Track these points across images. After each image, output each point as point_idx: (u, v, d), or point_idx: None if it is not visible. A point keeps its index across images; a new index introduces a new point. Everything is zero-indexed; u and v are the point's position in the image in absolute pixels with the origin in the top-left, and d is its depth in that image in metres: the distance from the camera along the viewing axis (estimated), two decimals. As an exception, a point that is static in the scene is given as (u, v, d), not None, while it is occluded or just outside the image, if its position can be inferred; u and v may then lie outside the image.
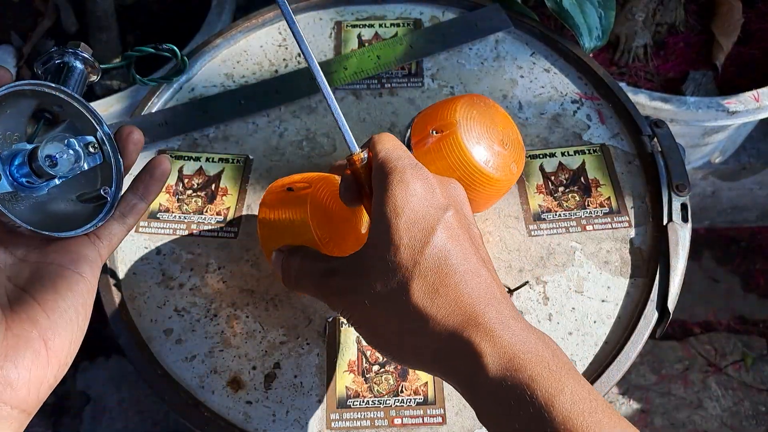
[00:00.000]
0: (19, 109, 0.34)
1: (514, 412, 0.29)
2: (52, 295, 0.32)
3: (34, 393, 0.31)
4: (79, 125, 0.36)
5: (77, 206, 0.36)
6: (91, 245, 0.36)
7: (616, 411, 0.29)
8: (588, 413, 0.28)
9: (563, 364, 0.30)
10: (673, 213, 0.51)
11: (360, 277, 0.34)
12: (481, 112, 0.45)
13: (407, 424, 0.44)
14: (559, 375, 0.29)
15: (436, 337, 0.32)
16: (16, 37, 0.94)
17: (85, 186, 0.37)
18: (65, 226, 0.34)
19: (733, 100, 0.85)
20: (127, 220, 0.38)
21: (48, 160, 0.33)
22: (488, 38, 0.64)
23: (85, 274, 0.34)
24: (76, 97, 0.35)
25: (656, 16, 0.95)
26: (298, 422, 0.44)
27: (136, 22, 0.97)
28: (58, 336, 0.32)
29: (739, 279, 1.23)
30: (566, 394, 0.28)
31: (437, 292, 0.32)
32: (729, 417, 1.08)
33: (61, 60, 0.36)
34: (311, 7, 0.66)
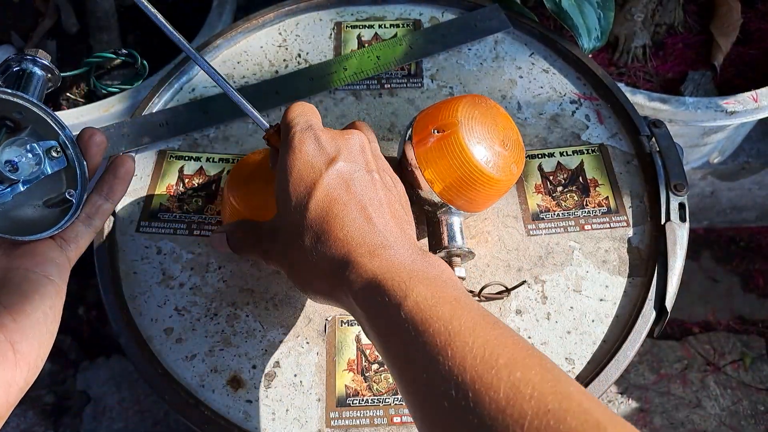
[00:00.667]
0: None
1: (377, 321, 0.34)
2: (18, 298, 0.32)
3: (3, 396, 0.30)
4: (42, 131, 0.36)
5: (44, 211, 0.36)
6: (58, 249, 0.36)
7: (463, 302, 0.33)
8: (428, 309, 0.32)
9: (419, 275, 0.35)
10: (671, 213, 0.51)
11: (275, 238, 0.40)
12: (482, 113, 0.46)
13: (406, 423, 0.44)
14: (408, 284, 0.34)
15: (324, 276, 0.37)
16: (17, 38, 0.94)
17: (51, 191, 0.37)
18: (33, 231, 0.34)
19: (731, 100, 0.85)
20: (94, 222, 0.38)
21: (8, 165, 0.33)
22: (487, 39, 0.64)
23: (53, 277, 0.34)
24: (35, 102, 0.35)
25: (655, 16, 0.96)
26: (298, 421, 0.45)
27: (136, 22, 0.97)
28: (26, 339, 0.32)
29: (739, 279, 1.24)
30: (411, 297, 0.33)
31: (320, 238, 0.37)
32: (728, 416, 1.08)
33: (20, 67, 0.36)
34: (311, 8, 0.66)
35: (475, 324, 0.31)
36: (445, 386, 0.29)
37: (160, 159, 0.57)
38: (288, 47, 0.64)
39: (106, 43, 0.90)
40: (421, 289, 0.33)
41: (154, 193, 0.54)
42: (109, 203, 0.39)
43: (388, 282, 0.34)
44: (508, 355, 0.29)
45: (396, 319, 0.33)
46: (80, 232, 0.38)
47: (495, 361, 0.29)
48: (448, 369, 0.29)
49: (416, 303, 0.33)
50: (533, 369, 0.29)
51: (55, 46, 0.93)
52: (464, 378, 0.29)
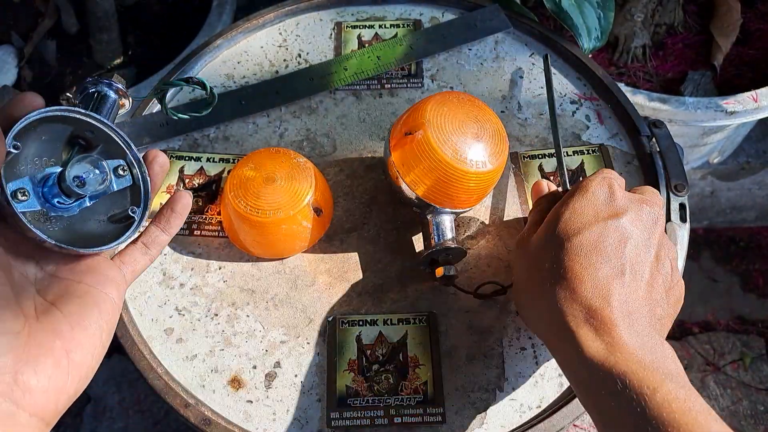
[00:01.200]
0: (54, 135, 0.36)
1: (608, 400, 0.34)
2: (78, 309, 0.33)
3: (53, 402, 0.31)
4: (111, 150, 0.38)
5: (107, 227, 0.38)
6: (117, 269, 0.37)
7: (715, 415, 0.33)
8: (684, 411, 0.32)
9: (666, 371, 0.35)
10: (671, 213, 0.51)
11: (523, 250, 0.44)
12: (451, 108, 0.46)
13: (407, 423, 0.44)
14: (656, 375, 0.34)
15: (550, 314, 0.39)
16: (17, 38, 0.94)
17: (116, 207, 0.38)
18: (95, 245, 0.36)
19: (731, 100, 0.85)
20: (150, 251, 0.40)
21: (76, 180, 0.35)
22: (487, 39, 0.64)
23: (111, 294, 0.35)
24: (106, 123, 0.37)
25: (655, 16, 0.96)
26: (299, 421, 0.45)
27: (136, 23, 0.97)
28: (80, 349, 0.33)
29: (738, 279, 1.24)
30: (661, 392, 0.33)
31: (560, 279, 0.39)
32: (727, 416, 1.08)
33: (95, 89, 0.38)
34: (311, 8, 0.66)
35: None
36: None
37: (160, 159, 0.57)
38: (288, 47, 0.64)
39: (106, 43, 0.90)
40: (671, 386, 0.33)
41: (155, 193, 0.54)
42: (165, 235, 0.40)
43: (633, 368, 0.34)
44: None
45: (639, 411, 0.33)
46: (137, 259, 0.39)
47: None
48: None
49: (666, 401, 0.33)
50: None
51: (55, 46, 0.93)
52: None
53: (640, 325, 0.37)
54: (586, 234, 0.39)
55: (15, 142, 0.33)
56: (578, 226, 0.40)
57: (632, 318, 0.37)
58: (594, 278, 0.38)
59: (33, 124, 0.34)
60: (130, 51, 0.95)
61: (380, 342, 0.47)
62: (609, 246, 0.39)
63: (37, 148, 0.35)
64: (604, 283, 0.38)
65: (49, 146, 0.36)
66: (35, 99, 0.34)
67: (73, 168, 0.35)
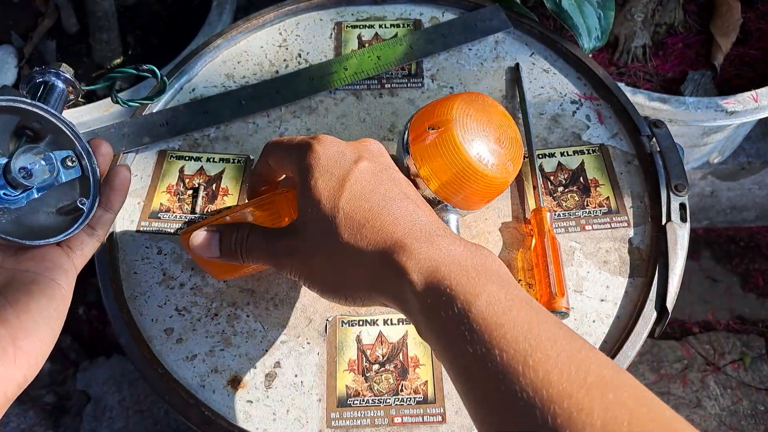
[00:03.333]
0: (1, 126, 0.35)
1: (440, 320, 0.31)
2: (24, 297, 0.33)
3: (1, 390, 0.31)
4: (60, 141, 0.37)
5: (56, 219, 0.37)
6: (65, 256, 0.37)
7: (535, 306, 0.30)
8: (502, 312, 0.29)
9: (486, 271, 0.32)
10: (671, 213, 0.51)
11: (297, 236, 0.37)
12: (478, 110, 0.46)
13: (407, 423, 0.44)
14: (477, 281, 0.31)
15: (369, 266, 0.34)
16: (17, 38, 0.94)
17: (64, 199, 0.38)
18: (43, 237, 0.36)
19: (731, 100, 0.85)
20: (96, 232, 0.39)
21: (22, 171, 0.34)
22: (488, 39, 0.64)
23: (60, 281, 0.35)
24: (53, 113, 0.36)
25: (655, 16, 0.96)
26: (299, 421, 0.45)
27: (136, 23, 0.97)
28: (28, 337, 0.33)
29: (738, 279, 1.24)
30: (483, 297, 0.30)
31: (363, 227, 0.35)
32: (728, 416, 1.08)
33: (43, 79, 0.38)
34: (311, 8, 0.66)
35: (555, 334, 0.28)
36: (527, 404, 0.26)
37: (160, 159, 0.57)
38: (288, 47, 0.64)
39: (106, 43, 0.90)
40: (492, 288, 0.30)
41: (155, 193, 0.54)
42: (109, 213, 0.40)
43: (453, 276, 0.31)
44: (596, 373, 0.26)
45: (464, 320, 0.29)
46: (85, 241, 0.39)
47: (584, 379, 0.26)
48: (530, 383, 0.26)
49: (489, 304, 0.29)
50: (625, 390, 0.26)
51: (55, 46, 0.93)
52: (551, 395, 0.26)
53: (455, 239, 0.34)
54: (350, 185, 0.36)
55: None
56: (336, 183, 0.36)
57: (446, 238, 0.34)
58: (394, 213, 0.35)
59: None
60: (129, 51, 0.95)
61: (380, 342, 0.47)
62: (377, 185, 0.36)
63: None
64: (406, 212, 0.35)
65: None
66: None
67: (19, 159, 0.34)
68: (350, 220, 0.35)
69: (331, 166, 0.37)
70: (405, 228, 0.34)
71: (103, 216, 0.40)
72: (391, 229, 0.34)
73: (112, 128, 0.57)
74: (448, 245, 0.33)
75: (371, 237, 0.34)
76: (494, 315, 0.29)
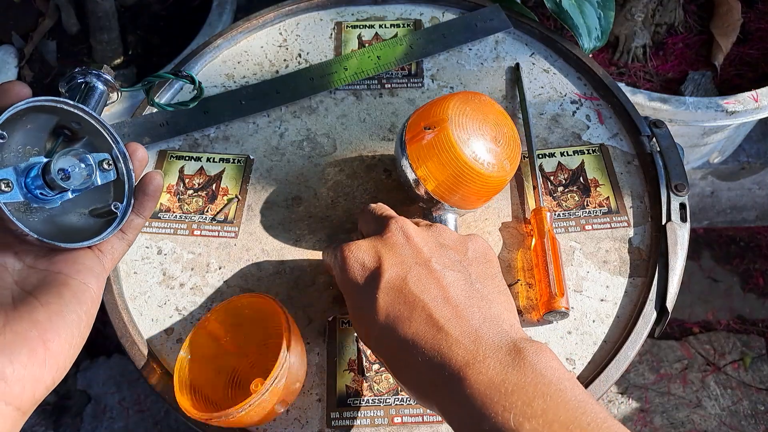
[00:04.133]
0: (40, 124, 0.35)
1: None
2: (56, 299, 0.33)
3: (29, 391, 0.31)
4: (97, 143, 0.37)
5: (88, 220, 0.37)
6: (96, 258, 0.37)
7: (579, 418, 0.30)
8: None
9: (521, 396, 0.31)
10: (671, 213, 0.51)
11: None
12: (474, 109, 0.46)
13: (407, 423, 0.44)
14: (515, 418, 0.31)
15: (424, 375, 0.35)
16: (18, 38, 0.94)
17: (98, 201, 0.38)
18: (75, 239, 0.36)
19: (731, 100, 0.85)
20: (126, 236, 0.39)
21: (61, 173, 0.34)
22: (488, 39, 0.64)
23: (90, 284, 0.35)
24: (93, 115, 0.36)
25: (655, 16, 0.96)
26: (299, 421, 0.45)
27: (137, 23, 0.97)
28: (57, 338, 0.32)
29: (738, 278, 1.24)
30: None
31: (405, 360, 0.36)
32: (728, 416, 1.08)
33: (83, 80, 0.37)
34: (312, 8, 0.66)
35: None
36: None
37: (160, 159, 0.57)
38: (288, 47, 0.64)
39: (107, 43, 0.90)
40: (529, 426, 0.30)
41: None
42: (140, 218, 0.40)
43: (489, 412, 0.31)
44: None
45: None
46: (115, 245, 0.39)
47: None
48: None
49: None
50: None
51: (55, 46, 0.93)
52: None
53: (491, 360, 0.33)
54: (377, 328, 0.37)
55: (1, 132, 0.32)
56: (367, 323, 0.37)
57: (480, 363, 0.33)
58: (421, 353, 0.35)
59: (19, 113, 0.33)
60: (130, 51, 0.95)
61: (380, 342, 0.47)
62: (401, 311, 0.36)
63: (22, 137, 0.34)
64: (431, 349, 0.35)
65: (34, 135, 0.35)
66: (22, 89, 0.34)
67: (58, 161, 0.34)
68: (391, 354, 0.36)
69: (359, 300, 0.39)
70: (434, 369, 0.34)
71: (135, 220, 0.39)
72: (423, 369, 0.35)
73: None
74: (480, 374, 0.33)
75: (417, 367, 0.35)
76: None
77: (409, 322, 0.36)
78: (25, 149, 0.35)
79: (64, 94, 0.37)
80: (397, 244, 0.39)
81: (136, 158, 0.39)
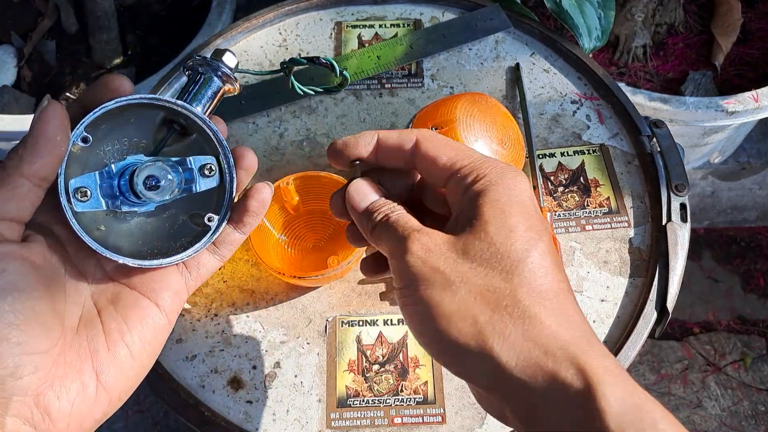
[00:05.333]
0: (146, 117, 0.32)
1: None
2: (119, 326, 0.31)
3: (75, 428, 0.29)
4: (203, 143, 0.34)
5: (182, 227, 0.34)
6: (179, 275, 0.33)
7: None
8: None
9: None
10: (672, 213, 0.51)
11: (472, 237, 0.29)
12: (481, 111, 0.46)
13: (407, 423, 0.44)
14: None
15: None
16: (17, 37, 0.94)
17: (194, 208, 0.34)
18: (163, 249, 0.33)
19: (732, 100, 0.85)
20: (220, 252, 0.35)
21: (148, 181, 0.31)
22: (488, 38, 0.64)
23: (163, 306, 0.32)
24: (199, 116, 0.33)
25: (655, 16, 0.96)
26: (299, 421, 0.45)
27: (136, 23, 0.97)
28: (114, 372, 0.30)
29: (739, 279, 1.23)
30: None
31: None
32: (728, 417, 1.08)
33: (201, 71, 0.34)
34: (311, 8, 0.66)
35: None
36: None
37: (160, 159, 0.56)
38: (288, 47, 0.64)
39: (106, 43, 0.90)
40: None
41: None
42: (239, 234, 0.35)
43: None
44: None
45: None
46: (204, 261, 0.34)
47: None
48: None
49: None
50: None
51: (55, 45, 0.93)
52: None
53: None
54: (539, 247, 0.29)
55: (85, 134, 0.30)
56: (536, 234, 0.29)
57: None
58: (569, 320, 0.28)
59: (118, 108, 0.30)
60: (129, 51, 0.95)
61: (380, 342, 0.47)
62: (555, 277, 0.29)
63: (122, 132, 0.32)
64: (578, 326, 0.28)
65: (139, 129, 0.32)
66: (122, 83, 0.31)
67: (145, 169, 0.31)
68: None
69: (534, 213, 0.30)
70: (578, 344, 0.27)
71: (231, 235, 0.35)
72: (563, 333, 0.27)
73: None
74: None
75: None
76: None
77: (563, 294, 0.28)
78: (131, 143, 0.32)
79: (185, 72, 0.35)
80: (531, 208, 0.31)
81: (242, 166, 0.34)
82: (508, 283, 0.27)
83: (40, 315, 0.28)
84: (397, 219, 0.31)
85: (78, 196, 0.31)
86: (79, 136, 0.30)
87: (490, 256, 0.28)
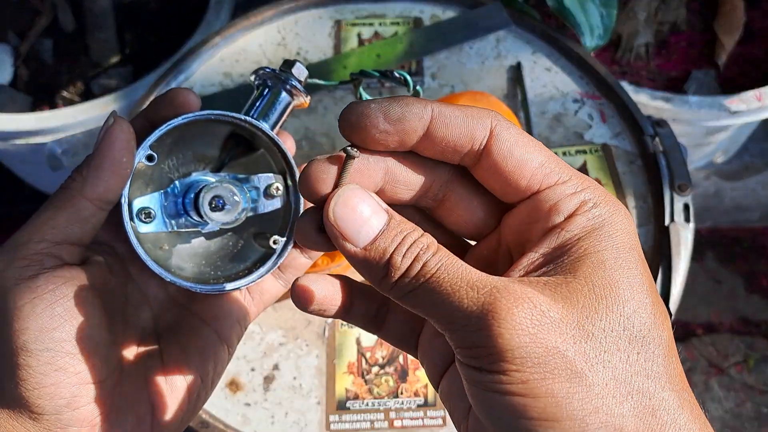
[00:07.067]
0: (212, 132, 0.31)
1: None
2: (178, 355, 0.30)
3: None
4: (270, 160, 0.33)
5: (246, 248, 0.32)
6: (241, 301, 0.32)
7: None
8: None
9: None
10: (675, 213, 0.50)
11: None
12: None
13: (407, 426, 0.44)
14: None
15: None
16: (14, 36, 0.93)
17: (260, 225, 0.33)
18: (225, 269, 0.32)
19: (735, 99, 0.84)
20: (285, 276, 0.33)
21: (219, 200, 0.30)
22: (489, 37, 0.63)
23: (223, 334, 0.31)
24: (268, 133, 0.32)
25: (658, 14, 0.95)
26: (297, 424, 0.44)
27: (133, 21, 0.96)
28: (170, 405, 0.29)
29: (742, 280, 1.23)
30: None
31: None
32: (731, 418, 1.07)
33: (270, 84, 0.33)
34: (311, 6, 0.66)
35: None
36: None
37: (157, 158, 0.56)
38: (287, 45, 0.63)
39: (103, 41, 0.90)
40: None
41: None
42: (306, 258, 0.33)
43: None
44: None
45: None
46: (268, 286, 0.33)
47: None
48: None
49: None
50: None
51: (52, 44, 0.93)
52: None
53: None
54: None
55: (150, 152, 0.29)
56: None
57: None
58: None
59: (188, 123, 0.29)
60: (127, 49, 0.94)
61: (380, 344, 0.46)
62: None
63: (187, 147, 0.31)
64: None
65: (206, 143, 0.31)
66: (189, 97, 0.29)
67: (212, 189, 0.30)
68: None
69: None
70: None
71: (298, 259, 0.33)
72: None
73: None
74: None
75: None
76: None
77: None
78: (195, 155, 0.31)
79: (254, 83, 0.33)
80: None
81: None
82: (654, 382, 0.20)
83: (99, 343, 0.27)
84: (448, 269, 0.21)
85: (142, 216, 0.30)
86: (144, 155, 0.29)
87: (628, 339, 0.20)
